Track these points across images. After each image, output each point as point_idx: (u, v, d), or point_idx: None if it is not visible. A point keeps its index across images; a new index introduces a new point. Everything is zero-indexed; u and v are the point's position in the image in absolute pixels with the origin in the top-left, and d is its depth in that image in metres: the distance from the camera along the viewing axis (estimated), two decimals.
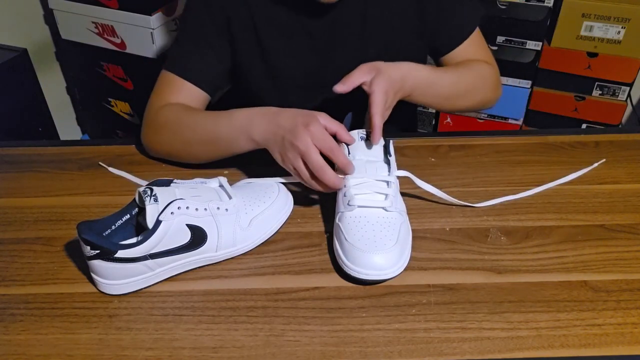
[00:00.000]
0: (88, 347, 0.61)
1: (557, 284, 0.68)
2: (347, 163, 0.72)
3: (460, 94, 0.93)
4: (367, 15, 0.91)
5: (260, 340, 0.62)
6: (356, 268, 0.67)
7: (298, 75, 0.95)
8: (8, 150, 0.95)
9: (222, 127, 0.81)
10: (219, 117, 0.82)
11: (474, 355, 0.60)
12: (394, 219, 0.70)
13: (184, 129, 0.85)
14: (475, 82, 0.94)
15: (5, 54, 1.55)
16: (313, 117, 0.72)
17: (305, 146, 0.70)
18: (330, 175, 0.71)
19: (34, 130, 1.68)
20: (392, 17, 0.92)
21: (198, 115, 0.86)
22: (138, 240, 0.65)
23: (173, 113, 0.87)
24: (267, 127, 0.75)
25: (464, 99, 0.94)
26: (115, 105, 1.84)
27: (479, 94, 0.96)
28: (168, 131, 0.86)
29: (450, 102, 0.93)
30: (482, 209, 0.80)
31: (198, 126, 0.84)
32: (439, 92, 0.88)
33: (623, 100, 1.82)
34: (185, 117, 0.86)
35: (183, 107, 0.88)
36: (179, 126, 0.86)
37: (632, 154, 0.91)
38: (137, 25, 1.63)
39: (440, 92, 0.88)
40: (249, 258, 0.72)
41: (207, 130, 0.82)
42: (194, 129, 0.84)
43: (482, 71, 0.95)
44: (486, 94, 0.97)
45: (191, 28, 0.92)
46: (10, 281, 0.70)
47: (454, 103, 0.94)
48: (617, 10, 1.66)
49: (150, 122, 0.90)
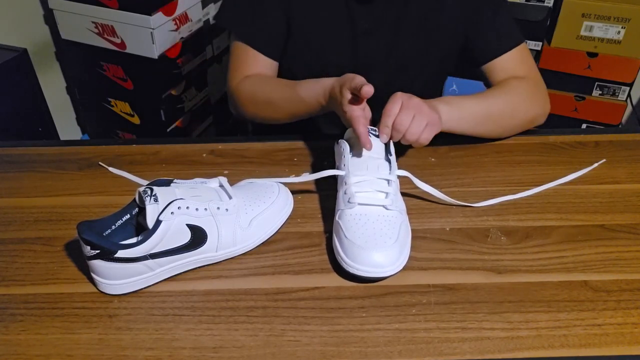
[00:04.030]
0: (88, 347, 0.61)
1: (557, 284, 0.68)
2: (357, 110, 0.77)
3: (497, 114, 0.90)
4: (409, 10, 0.94)
5: (260, 340, 0.62)
6: (355, 265, 0.67)
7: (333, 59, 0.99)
8: (8, 150, 0.95)
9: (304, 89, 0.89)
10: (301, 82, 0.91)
11: (474, 355, 0.60)
12: (394, 217, 0.70)
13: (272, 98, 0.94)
14: (512, 100, 0.91)
15: (5, 54, 1.55)
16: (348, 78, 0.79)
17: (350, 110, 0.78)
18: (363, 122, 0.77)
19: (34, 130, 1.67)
20: (433, 16, 0.95)
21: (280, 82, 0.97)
22: (138, 240, 0.65)
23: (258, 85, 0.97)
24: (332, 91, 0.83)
25: (502, 120, 0.91)
26: (115, 105, 1.84)
27: (520, 112, 0.92)
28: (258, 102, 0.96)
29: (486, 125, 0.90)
30: (482, 209, 0.80)
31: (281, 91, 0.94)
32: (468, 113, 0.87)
33: (623, 100, 1.82)
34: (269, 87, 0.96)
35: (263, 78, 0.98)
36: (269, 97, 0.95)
37: (632, 154, 0.91)
38: (137, 25, 1.62)
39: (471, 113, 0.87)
40: (249, 258, 0.72)
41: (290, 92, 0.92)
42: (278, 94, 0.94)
43: (519, 90, 0.92)
44: (528, 113, 0.93)
45: None
46: (10, 281, 0.70)
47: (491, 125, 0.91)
48: (617, 10, 1.66)
49: (237, 94, 0.99)
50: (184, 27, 1.72)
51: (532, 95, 0.94)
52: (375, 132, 0.78)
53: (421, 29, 0.96)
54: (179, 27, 1.70)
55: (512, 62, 0.95)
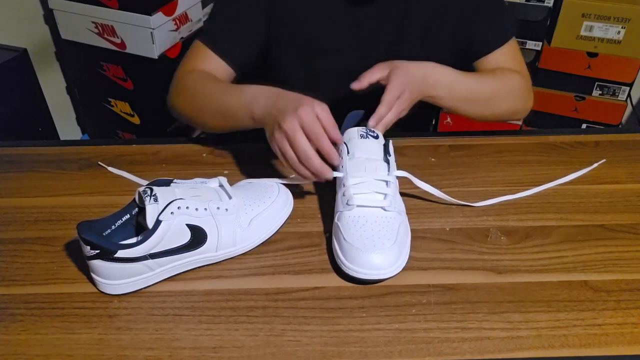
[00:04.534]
0: (88, 347, 0.61)
1: (557, 284, 0.68)
2: (331, 151, 0.71)
3: (485, 99, 0.91)
4: (409, 10, 0.92)
5: (260, 340, 0.62)
6: (354, 267, 0.67)
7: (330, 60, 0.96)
8: (8, 150, 0.95)
9: (230, 99, 0.82)
10: (230, 90, 0.83)
11: (474, 355, 0.60)
12: (392, 218, 0.70)
13: (199, 95, 0.87)
14: (502, 89, 0.92)
15: (5, 54, 1.55)
16: (307, 103, 0.71)
17: (292, 129, 0.70)
18: (316, 163, 0.70)
19: (34, 130, 1.67)
20: (432, 16, 0.93)
21: (214, 85, 0.87)
22: (138, 240, 0.65)
23: (194, 80, 0.89)
24: (266, 107, 0.76)
25: (489, 105, 0.92)
26: (115, 105, 1.84)
27: (506, 102, 0.94)
28: (186, 96, 0.89)
29: (474, 107, 0.91)
30: (482, 209, 0.80)
31: (211, 95, 0.85)
32: (461, 94, 0.87)
33: (623, 100, 1.82)
34: (202, 85, 0.88)
35: (205, 74, 0.90)
36: (196, 93, 0.88)
37: (632, 154, 0.91)
38: (137, 25, 1.63)
39: (463, 94, 0.87)
40: (249, 258, 0.72)
41: (217, 100, 0.84)
42: (207, 97, 0.85)
43: (510, 80, 0.93)
44: (515, 104, 0.95)
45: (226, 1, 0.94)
46: (10, 281, 0.70)
47: (479, 109, 0.92)
48: (617, 10, 1.66)
49: (174, 84, 0.92)
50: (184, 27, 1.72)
51: (522, 89, 0.95)
52: (373, 133, 0.78)
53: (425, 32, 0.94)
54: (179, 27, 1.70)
55: (504, 57, 0.96)
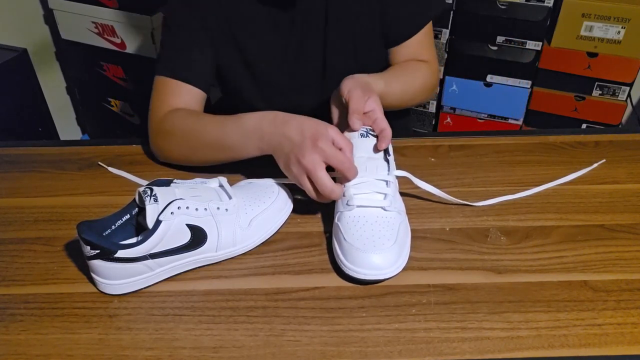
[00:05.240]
0: (88, 347, 0.62)
1: (557, 284, 0.68)
2: (353, 172, 0.72)
3: (405, 102, 0.97)
4: (329, 4, 0.91)
5: (260, 340, 0.62)
6: (354, 268, 0.67)
7: (274, 72, 0.97)
8: (8, 150, 0.95)
9: (230, 133, 0.80)
10: (227, 123, 0.81)
11: (474, 355, 0.60)
12: (392, 218, 0.70)
13: (192, 134, 0.84)
14: (420, 88, 0.98)
15: (5, 54, 1.55)
16: (322, 132, 0.70)
17: (313, 165, 0.69)
18: (337, 193, 0.70)
19: (34, 130, 1.68)
20: (353, 5, 0.92)
21: (205, 121, 0.84)
22: (138, 240, 0.65)
23: (180, 119, 0.86)
24: (274, 136, 0.74)
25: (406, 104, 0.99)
26: (115, 105, 1.84)
27: (419, 98, 1.00)
28: (176, 137, 0.85)
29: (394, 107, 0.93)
30: (482, 209, 0.80)
31: (206, 132, 0.82)
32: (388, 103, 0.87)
33: (623, 100, 1.82)
34: (192, 122, 0.85)
35: (188, 112, 0.88)
36: (187, 131, 0.84)
37: (632, 154, 0.91)
38: (137, 25, 1.63)
39: (390, 102, 0.88)
40: (249, 258, 0.72)
41: (215, 136, 0.81)
42: (203, 133, 0.83)
43: (424, 77, 0.99)
44: (425, 97, 1.02)
45: (174, 28, 0.92)
46: (10, 281, 0.70)
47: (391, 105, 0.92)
48: (617, 10, 1.66)
49: (156, 129, 0.88)
50: None
51: (431, 80, 1.01)
52: (373, 132, 0.78)
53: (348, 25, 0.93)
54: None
55: (415, 48, 0.98)
